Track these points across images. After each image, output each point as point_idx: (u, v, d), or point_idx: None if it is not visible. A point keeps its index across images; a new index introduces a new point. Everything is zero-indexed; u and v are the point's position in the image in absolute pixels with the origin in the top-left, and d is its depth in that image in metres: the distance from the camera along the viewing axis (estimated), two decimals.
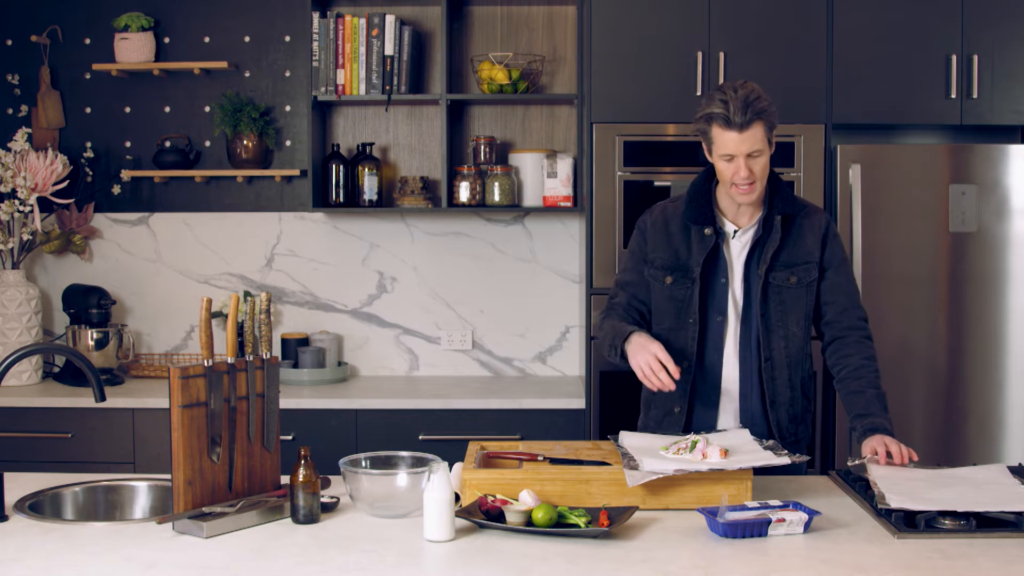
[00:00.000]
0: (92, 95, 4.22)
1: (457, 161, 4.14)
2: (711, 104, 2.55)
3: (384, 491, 2.26)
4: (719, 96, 2.54)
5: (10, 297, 3.97)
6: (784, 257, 2.67)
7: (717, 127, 2.54)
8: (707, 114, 2.56)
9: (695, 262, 2.67)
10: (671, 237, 2.71)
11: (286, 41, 4.20)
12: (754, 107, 2.51)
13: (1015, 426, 3.68)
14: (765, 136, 2.55)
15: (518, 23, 4.18)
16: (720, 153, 2.57)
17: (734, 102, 2.51)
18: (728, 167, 2.57)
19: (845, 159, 3.65)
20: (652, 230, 2.75)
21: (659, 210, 2.78)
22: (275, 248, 4.24)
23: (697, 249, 2.67)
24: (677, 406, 2.70)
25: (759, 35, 3.70)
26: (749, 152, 2.54)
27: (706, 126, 2.58)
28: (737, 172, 2.55)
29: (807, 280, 2.69)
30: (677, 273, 2.69)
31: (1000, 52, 3.70)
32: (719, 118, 2.53)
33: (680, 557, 2.01)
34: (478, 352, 4.25)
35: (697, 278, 2.67)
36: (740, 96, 2.51)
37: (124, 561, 2.01)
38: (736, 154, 2.54)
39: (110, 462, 3.64)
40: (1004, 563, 1.97)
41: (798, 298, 2.68)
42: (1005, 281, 3.67)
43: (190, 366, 2.23)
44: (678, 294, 2.69)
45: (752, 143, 2.53)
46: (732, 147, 2.54)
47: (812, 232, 2.70)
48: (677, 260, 2.70)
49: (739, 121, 2.51)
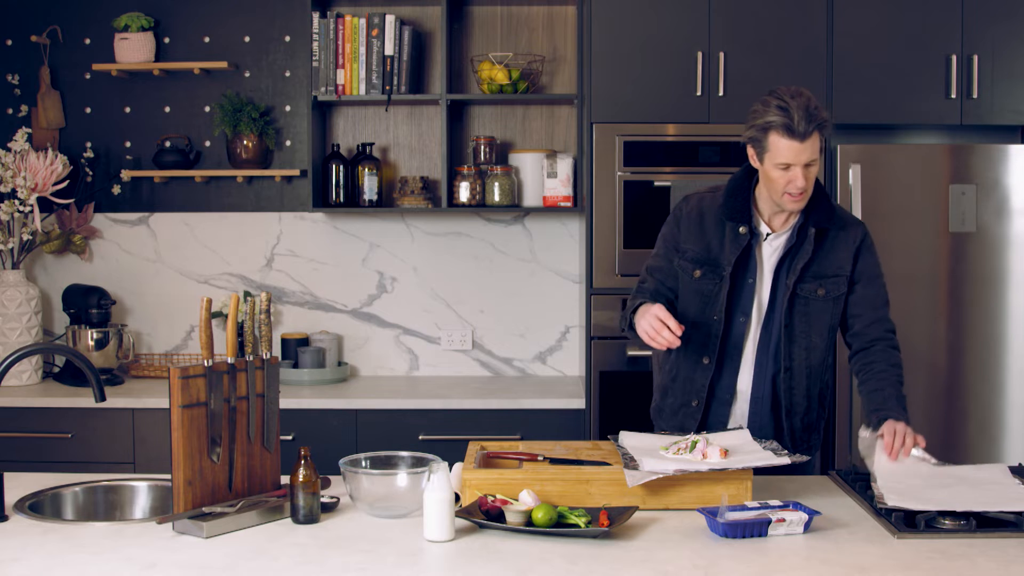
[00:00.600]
0: (92, 95, 4.22)
1: (457, 161, 4.14)
2: (768, 112, 2.49)
3: (384, 491, 2.26)
4: (776, 103, 2.48)
5: (10, 297, 3.97)
6: (815, 269, 2.64)
7: (776, 135, 2.49)
8: (766, 123, 2.49)
9: (727, 260, 2.64)
10: (705, 230, 2.68)
11: (286, 41, 4.20)
12: (816, 117, 2.47)
13: (1015, 426, 3.68)
14: (820, 146, 2.52)
15: (518, 23, 4.18)
16: (776, 162, 2.51)
17: (797, 111, 2.46)
18: (783, 176, 2.52)
19: (845, 159, 3.65)
20: (687, 220, 2.71)
21: (696, 200, 2.73)
22: (275, 248, 4.24)
23: (730, 247, 2.64)
24: (695, 399, 2.70)
25: (759, 35, 3.70)
26: (806, 162, 2.50)
27: (761, 135, 2.52)
28: (793, 182, 2.51)
29: (835, 294, 2.66)
30: (707, 267, 2.67)
31: (1000, 52, 3.70)
32: (780, 127, 2.47)
33: (680, 557, 2.01)
34: (478, 352, 4.25)
35: (727, 277, 2.64)
36: (801, 104, 2.46)
37: (124, 561, 2.01)
38: (795, 163, 2.50)
39: (110, 462, 3.64)
40: (1004, 563, 1.97)
41: (824, 311, 2.66)
42: (1005, 281, 3.67)
43: (190, 366, 2.23)
44: (705, 288, 2.67)
45: (811, 153, 2.50)
46: (791, 156, 2.49)
47: (846, 245, 2.66)
48: (708, 254, 2.67)
49: (803, 130, 2.46)
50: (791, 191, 2.53)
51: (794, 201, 2.55)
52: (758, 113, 2.53)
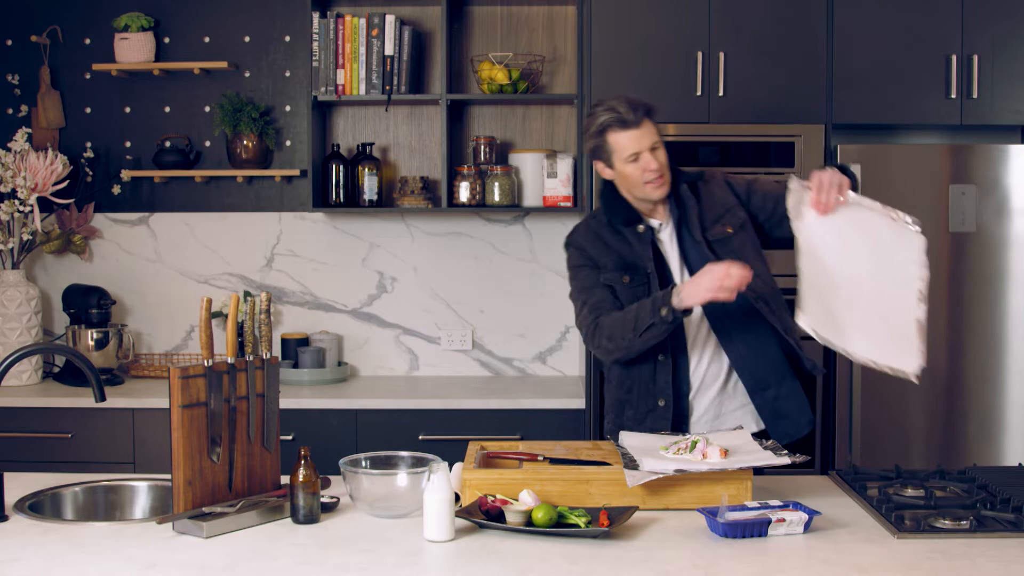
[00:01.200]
0: (92, 95, 4.23)
1: (457, 161, 4.14)
2: (597, 117, 2.62)
3: (384, 491, 2.26)
4: (601, 108, 2.62)
5: (10, 297, 3.97)
6: (707, 216, 2.71)
7: (613, 133, 2.61)
8: (600, 125, 2.62)
9: (644, 258, 2.70)
10: (609, 244, 2.74)
11: (286, 41, 4.20)
12: (640, 104, 2.60)
13: (1015, 426, 3.68)
14: (656, 130, 2.63)
15: (518, 23, 4.18)
16: (624, 157, 2.62)
17: (620, 105, 2.59)
18: (636, 167, 2.62)
19: (845, 159, 3.64)
20: (590, 245, 2.77)
21: (583, 228, 2.81)
22: (275, 248, 4.24)
23: (640, 247, 2.71)
24: (662, 399, 2.70)
25: (759, 35, 3.70)
26: (651, 146, 2.61)
27: (601, 139, 2.63)
28: (648, 166, 2.61)
29: (739, 223, 2.72)
30: (631, 271, 2.71)
31: (1000, 52, 3.70)
32: (613, 123, 2.60)
33: (680, 557, 2.01)
34: (478, 352, 4.25)
35: (653, 273, 2.68)
36: (622, 99, 2.61)
37: (124, 561, 2.01)
38: (640, 150, 2.60)
39: (110, 462, 3.64)
40: (1004, 563, 1.97)
41: (743, 242, 2.71)
42: (1005, 281, 3.67)
43: (190, 366, 2.23)
44: (639, 292, 2.69)
45: (650, 136, 2.61)
46: (634, 145, 2.60)
47: (718, 186, 2.76)
48: (624, 259, 2.72)
49: (633, 119, 2.59)
50: (649, 177, 2.62)
51: (657, 186, 2.64)
52: (590, 123, 2.66)
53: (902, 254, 2.49)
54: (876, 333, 2.46)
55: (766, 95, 3.70)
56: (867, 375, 3.64)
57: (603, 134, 2.62)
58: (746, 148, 3.67)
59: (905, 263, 2.48)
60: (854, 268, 2.50)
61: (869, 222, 2.52)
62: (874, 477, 2.53)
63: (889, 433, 3.67)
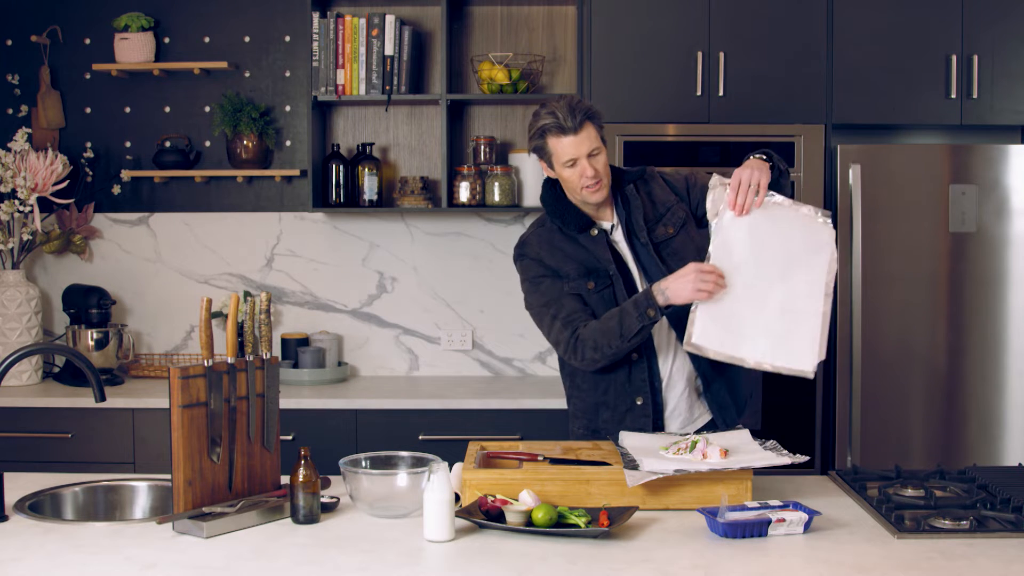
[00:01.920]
0: (92, 95, 4.23)
1: (457, 161, 4.15)
2: (539, 119, 2.62)
3: (384, 491, 2.26)
4: (545, 111, 2.62)
5: (10, 297, 3.97)
6: (651, 216, 2.72)
7: (552, 137, 2.61)
8: (540, 128, 2.61)
9: (604, 260, 2.69)
10: (565, 252, 2.72)
11: (286, 41, 4.20)
12: (580, 109, 2.59)
13: (1015, 426, 3.68)
14: (598, 135, 2.62)
15: (518, 23, 4.18)
16: (562, 161, 2.62)
17: (561, 110, 2.58)
18: (573, 172, 2.62)
19: (845, 159, 3.65)
20: (544, 253, 2.73)
21: (534, 239, 2.77)
22: (275, 248, 4.24)
23: (597, 250, 2.70)
24: (639, 397, 2.70)
25: (759, 35, 3.70)
26: (589, 152, 2.60)
27: (542, 141, 2.63)
28: (584, 173, 2.60)
29: (679, 223, 2.73)
30: (593, 276, 2.69)
31: (1000, 52, 3.70)
32: (552, 128, 2.59)
33: (680, 557, 2.01)
34: (478, 352, 4.25)
35: (615, 274, 2.68)
36: (564, 103, 2.59)
37: (124, 561, 2.01)
38: (577, 156, 2.60)
39: (110, 462, 3.64)
40: (1004, 563, 1.97)
41: (685, 242, 2.71)
42: (1005, 281, 3.67)
43: (190, 366, 2.23)
44: (605, 295, 2.69)
45: (589, 143, 2.60)
46: (572, 151, 2.59)
47: (658, 186, 2.77)
48: (585, 266, 2.70)
49: (571, 125, 2.58)
50: (586, 182, 2.62)
51: (593, 191, 2.64)
52: (532, 124, 2.65)
53: (812, 250, 2.52)
54: (777, 334, 2.50)
55: (766, 95, 3.70)
56: (867, 375, 3.65)
57: (543, 137, 2.62)
58: (746, 148, 3.66)
59: (813, 259, 2.52)
60: (762, 268, 2.53)
61: (782, 219, 2.55)
62: (874, 477, 2.53)
63: (889, 433, 3.67)
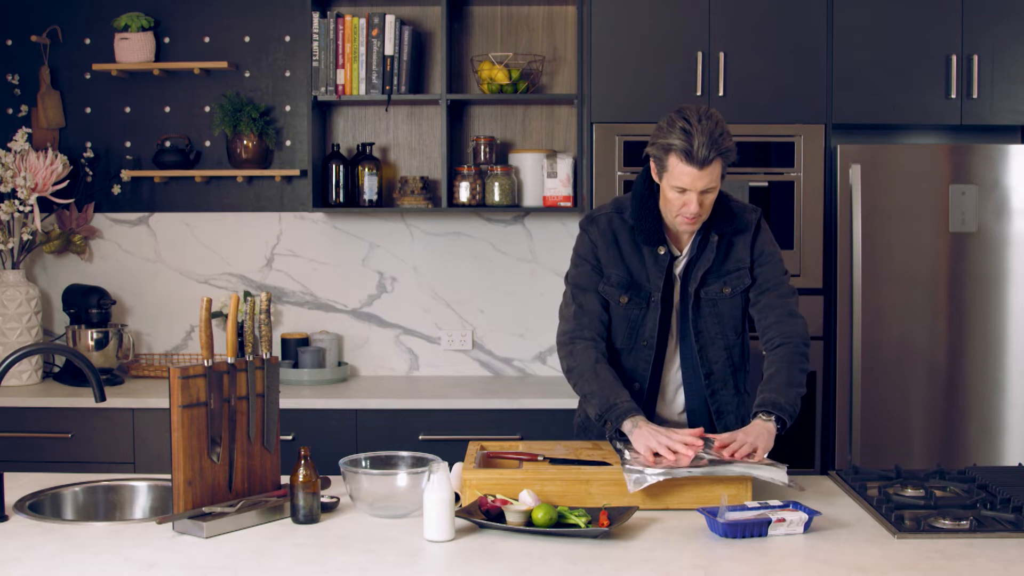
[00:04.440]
0: (92, 95, 4.22)
1: (457, 161, 4.14)
2: (672, 133, 2.42)
3: (384, 491, 2.26)
4: (681, 124, 2.41)
5: (10, 297, 3.97)
6: (715, 269, 2.61)
7: (675, 158, 2.43)
8: (668, 144, 2.43)
9: (654, 285, 2.59)
10: (622, 253, 2.62)
11: (286, 41, 4.20)
12: (719, 145, 2.40)
13: (1015, 426, 3.68)
14: (720, 174, 2.45)
15: (518, 23, 4.18)
16: (672, 184, 2.46)
17: (699, 136, 2.38)
18: (678, 199, 2.47)
19: (845, 159, 3.65)
20: (602, 243, 2.63)
21: (605, 222, 2.64)
22: (275, 248, 4.24)
23: (653, 270, 2.59)
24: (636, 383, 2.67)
25: (759, 35, 3.70)
26: (703, 188, 2.44)
27: (663, 155, 2.46)
28: (687, 206, 2.47)
29: (740, 288, 2.63)
30: (632, 292, 2.61)
31: (1000, 52, 3.70)
32: (680, 151, 2.41)
33: (680, 557, 2.01)
34: (478, 352, 4.25)
35: (657, 302, 2.59)
36: (706, 129, 2.39)
37: (124, 561, 2.01)
38: (691, 189, 2.45)
39: (110, 462, 3.64)
40: (1004, 563, 1.97)
41: (734, 307, 2.63)
42: (1005, 281, 3.67)
43: (190, 366, 2.23)
44: (632, 314, 2.62)
45: (708, 180, 2.43)
46: (688, 182, 2.44)
47: (743, 238, 2.62)
48: (631, 278, 2.61)
49: (702, 157, 2.39)
50: (687, 214, 2.48)
51: (687, 224, 2.51)
52: (662, 131, 2.46)
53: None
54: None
55: (766, 95, 3.70)
56: (867, 375, 3.65)
57: (667, 152, 2.44)
58: (746, 148, 3.67)
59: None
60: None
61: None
62: (874, 477, 2.53)
63: (889, 433, 3.67)
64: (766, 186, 3.66)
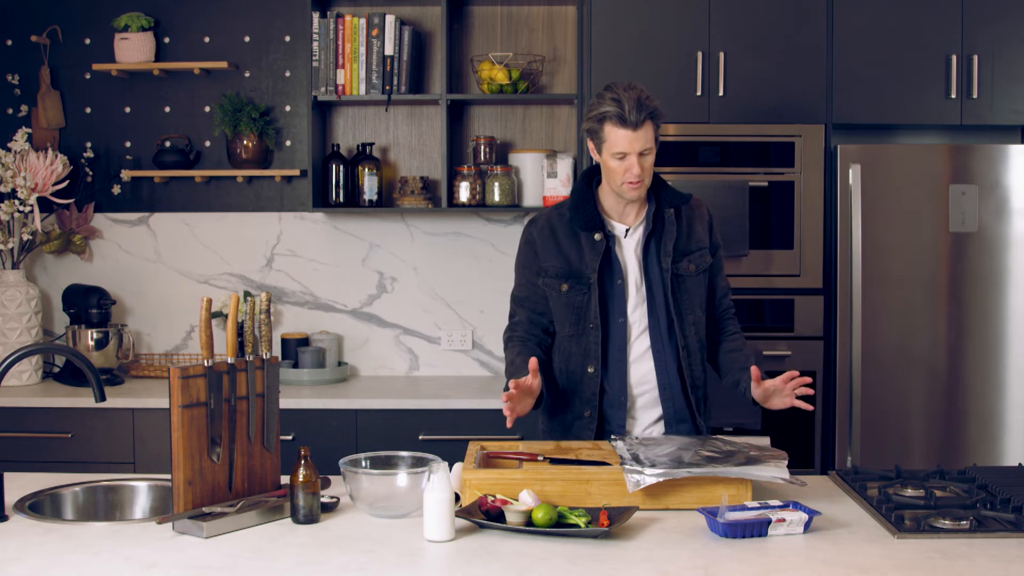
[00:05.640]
0: (92, 95, 4.23)
1: (457, 161, 4.14)
2: (603, 103, 2.60)
3: (384, 491, 2.26)
4: (611, 95, 2.59)
5: (10, 297, 3.97)
6: (681, 247, 2.72)
7: (610, 125, 2.59)
8: (601, 114, 2.60)
9: (590, 268, 2.69)
10: (560, 244, 2.74)
11: (286, 41, 4.20)
12: (647, 106, 2.57)
13: (1015, 426, 3.68)
14: (655, 135, 2.62)
15: (518, 23, 4.18)
16: (612, 152, 2.61)
17: (628, 101, 2.56)
18: (620, 165, 2.62)
19: (845, 159, 3.65)
20: (541, 239, 2.76)
21: (544, 219, 2.79)
22: (275, 248, 4.24)
23: (590, 255, 2.70)
24: (587, 410, 2.72)
25: (759, 35, 3.70)
26: (641, 150, 2.60)
27: (598, 125, 2.62)
28: (630, 170, 2.61)
29: (704, 267, 2.75)
30: (572, 280, 2.71)
31: (1000, 52, 3.70)
32: (613, 116, 2.58)
33: (680, 557, 2.01)
34: (478, 352, 4.25)
35: (594, 283, 2.68)
36: (633, 96, 2.57)
37: (124, 561, 2.01)
38: (629, 152, 2.59)
39: (110, 462, 3.64)
40: (1004, 563, 1.97)
41: (698, 284, 2.74)
42: (1005, 281, 3.67)
43: (190, 366, 2.23)
44: (575, 300, 2.71)
45: (644, 141, 2.59)
46: (625, 145, 2.59)
47: (700, 221, 2.78)
48: (570, 267, 2.72)
49: (634, 119, 2.56)
50: (629, 179, 2.62)
51: (633, 189, 2.64)
52: (594, 105, 2.63)
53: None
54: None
55: (766, 95, 3.70)
56: (867, 375, 3.65)
57: (601, 122, 2.61)
58: (746, 148, 3.67)
59: None
60: None
61: None
62: (874, 477, 2.53)
63: (889, 433, 3.67)
64: (766, 186, 3.66)
